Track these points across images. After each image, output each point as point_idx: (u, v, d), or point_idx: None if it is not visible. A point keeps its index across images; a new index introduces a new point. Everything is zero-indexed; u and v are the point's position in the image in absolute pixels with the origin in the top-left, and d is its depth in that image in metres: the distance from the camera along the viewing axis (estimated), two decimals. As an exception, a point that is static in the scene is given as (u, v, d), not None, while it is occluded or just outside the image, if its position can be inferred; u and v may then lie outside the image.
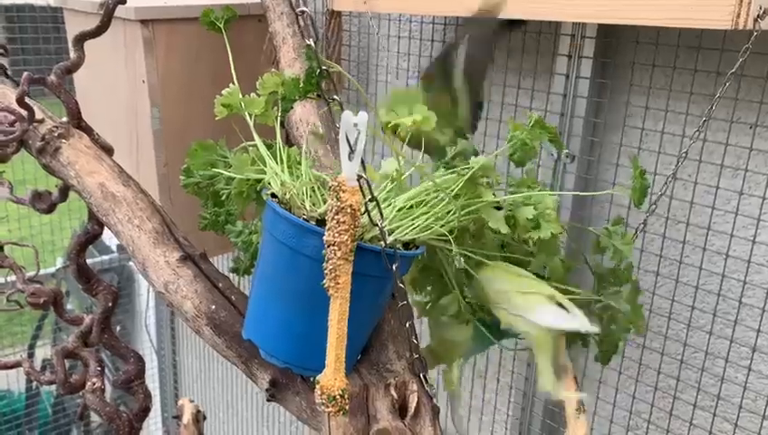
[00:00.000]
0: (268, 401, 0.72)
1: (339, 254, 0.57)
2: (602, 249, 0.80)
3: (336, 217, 0.57)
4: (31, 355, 2.60)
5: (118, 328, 2.33)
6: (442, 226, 0.67)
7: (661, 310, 0.98)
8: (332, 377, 0.58)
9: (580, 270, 0.83)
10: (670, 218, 0.94)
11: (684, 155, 0.81)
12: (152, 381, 2.40)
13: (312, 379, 0.68)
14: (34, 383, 2.70)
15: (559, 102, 1.00)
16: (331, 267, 0.58)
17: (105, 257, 2.14)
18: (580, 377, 1.05)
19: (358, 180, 0.57)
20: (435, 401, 0.67)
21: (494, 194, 0.68)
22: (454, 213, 0.67)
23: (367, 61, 1.34)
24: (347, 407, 0.58)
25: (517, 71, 1.08)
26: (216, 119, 0.71)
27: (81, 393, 1.07)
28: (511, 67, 1.09)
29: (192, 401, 1.48)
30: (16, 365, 1.26)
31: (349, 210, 0.56)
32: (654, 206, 0.76)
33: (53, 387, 2.70)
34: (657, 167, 0.93)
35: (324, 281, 0.58)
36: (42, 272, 1.84)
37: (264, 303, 0.66)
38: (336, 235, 0.57)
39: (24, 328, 3.07)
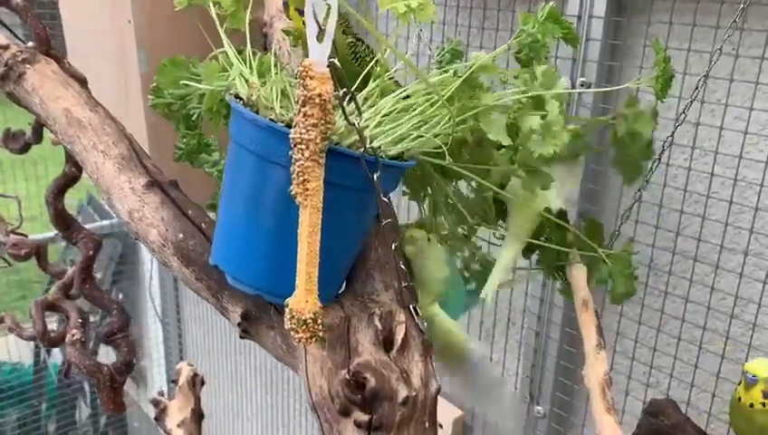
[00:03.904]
0: (241, 337, 0.64)
1: (306, 154, 0.49)
2: (620, 139, 0.72)
3: (303, 109, 0.49)
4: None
5: (120, 295, 2.28)
6: (436, 136, 0.58)
7: (686, 252, 0.88)
8: (303, 299, 0.50)
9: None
10: (697, 148, 0.85)
11: (707, 72, 0.72)
12: (157, 350, 2.35)
13: (286, 310, 0.60)
14: (42, 356, 2.68)
15: (573, 25, 0.90)
16: (298, 170, 0.49)
17: (105, 222, 2.08)
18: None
19: (329, 66, 0.49)
20: (426, 335, 0.59)
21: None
22: (449, 120, 0.58)
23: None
24: (320, 333, 0.50)
25: (527, -7, 0.99)
26: (176, 9, 0.63)
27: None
28: (520, -10, 0.99)
29: (191, 366, 1.41)
30: (-2, 322, 1.20)
31: (317, 100, 0.48)
32: (683, 115, 0.67)
33: (60, 359, 2.68)
34: (683, 90, 0.84)
35: (291, 187, 0.50)
36: (41, 236, 1.78)
37: (230, 222, 0.58)
38: (303, 131, 0.49)
39: (36, 303, 3.04)
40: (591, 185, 0.95)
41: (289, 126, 0.53)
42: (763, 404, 0.64)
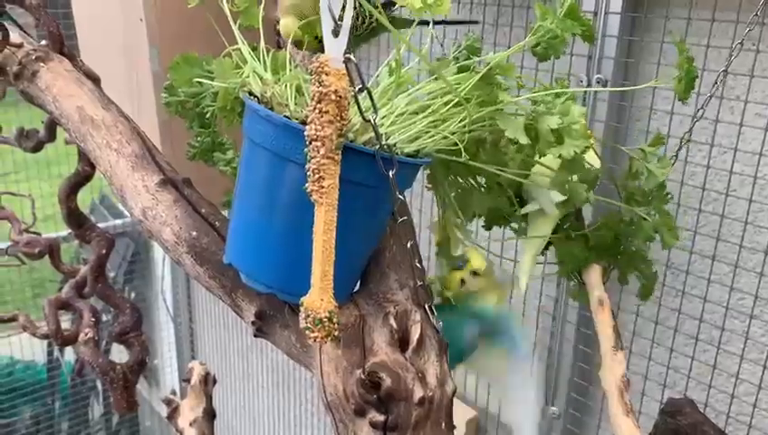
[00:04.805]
0: (255, 336, 0.63)
1: (322, 151, 0.48)
2: (635, 174, 0.71)
3: (318, 105, 0.48)
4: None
5: (133, 295, 2.28)
6: (453, 133, 0.57)
7: (704, 252, 0.87)
8: (318, 297, 0.49)
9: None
10: (715, 146, 0.84)
11: (726, 67, 0.71)
12: (169, 349, 2.35)
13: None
14: (55, 354, 2.69)
15: (589, 21, 0.89)
16: (314, 168, 0.49)
17: (118, 222, 2.09)
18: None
19: (345, 63, 0.48)
20: (442, 334, 0.59)
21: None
22: (464, 118, 0.57)
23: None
24: (336, 332, 0.50)
25: (542, -10, 0.97)
26: (190, 6, 0.63)
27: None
28: (535, -14, 0.98)
29: (203, 365, 1.41)
30: (12, 320, 1.21)
31: (333, 97, 0.48)
32: (701, 112, 0.66)
33: (74, 358, 2.70)
34: (701, 86, 0.82)
35: (307, 185, 0.49)
36: (54, 235, 1.79)
37: (245, 220, 0.58)
38: (319, 127, 0.48)
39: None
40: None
41: (304, 123, 0.53)
42: None
